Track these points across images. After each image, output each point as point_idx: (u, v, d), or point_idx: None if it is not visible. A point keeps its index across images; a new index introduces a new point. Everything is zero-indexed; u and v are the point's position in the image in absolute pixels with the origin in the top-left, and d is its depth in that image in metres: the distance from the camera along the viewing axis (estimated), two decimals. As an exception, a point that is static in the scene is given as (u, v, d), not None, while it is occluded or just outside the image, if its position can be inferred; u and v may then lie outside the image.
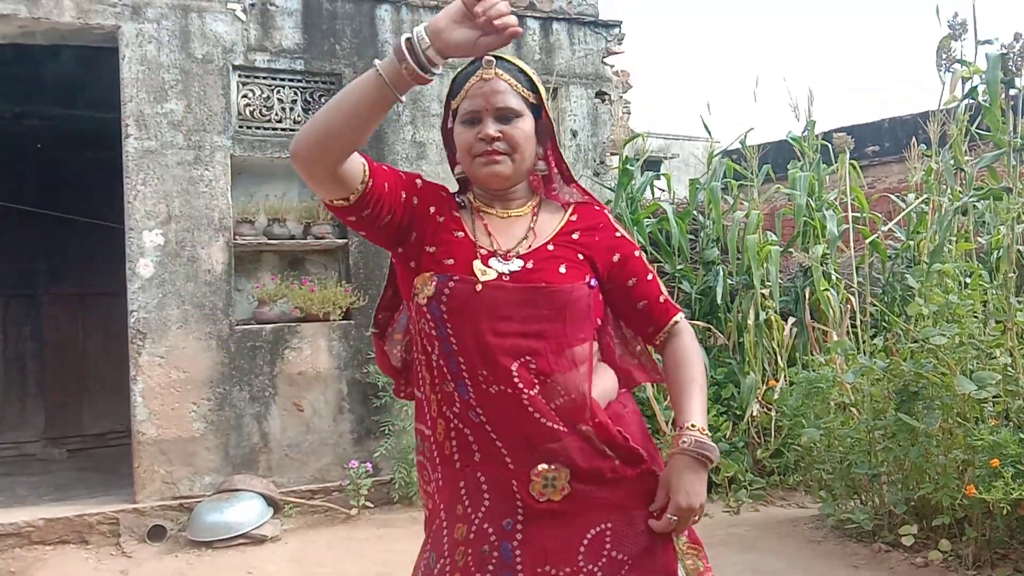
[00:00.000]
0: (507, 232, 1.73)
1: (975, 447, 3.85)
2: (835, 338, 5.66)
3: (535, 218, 1.76)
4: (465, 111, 1.70)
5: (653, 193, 7.57)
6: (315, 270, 6.14)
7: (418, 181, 1.76)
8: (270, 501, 5.35)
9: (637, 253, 1.80)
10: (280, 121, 5.91)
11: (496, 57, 1.69)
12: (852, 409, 4.87)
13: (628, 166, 6.76)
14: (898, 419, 4.17)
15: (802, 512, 5.31)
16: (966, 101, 5.03)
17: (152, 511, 5.31)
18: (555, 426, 1.61)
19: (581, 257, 1.72)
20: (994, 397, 4.02)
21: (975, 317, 4.17)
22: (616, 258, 1.77)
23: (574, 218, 1.78)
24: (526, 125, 1.71)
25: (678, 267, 6.66)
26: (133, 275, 5.41)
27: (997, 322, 4.29)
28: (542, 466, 1.60)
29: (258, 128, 5.85)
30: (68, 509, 5.30)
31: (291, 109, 5.94)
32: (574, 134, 6.86)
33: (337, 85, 6.05)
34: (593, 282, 1.72)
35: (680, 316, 1.84)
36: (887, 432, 4.37)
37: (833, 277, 5.98)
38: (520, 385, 1.61)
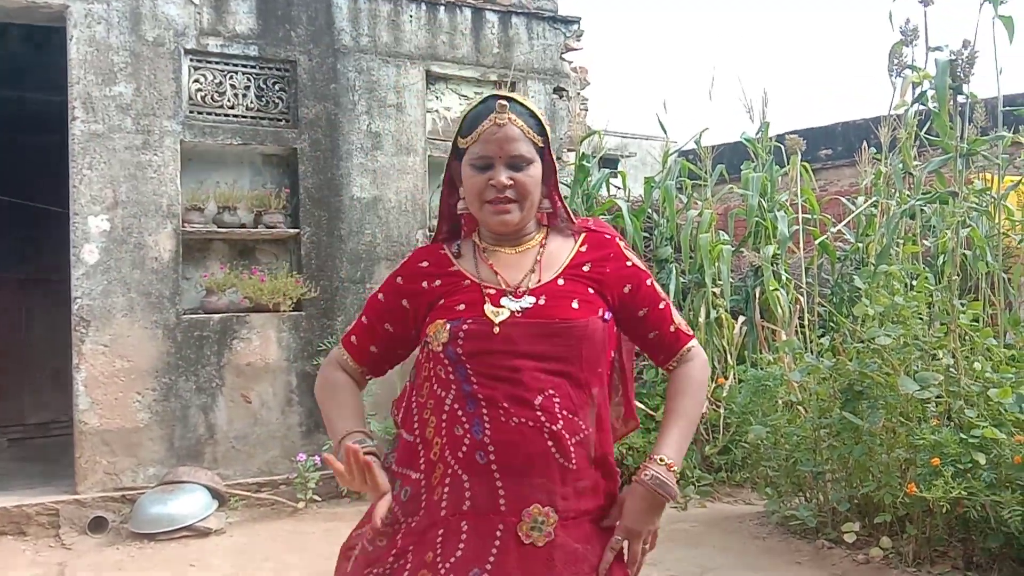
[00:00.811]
0: (514, 267, 1.72)
1: (917, 446, 3.91)
2: (784, 337, 5.74)
3: (543, 249, 1.75)
4: (476, 155, 1.67)
5: (609, 190, 7.59)
6: (266, 260, 6.06)
7: (399, 279, 1.79)
8: (215, 493, 5.27)
9: (649, 282, 1.78)
10: (233, 107, 5.82)
11: (508, 99, 1.69)
12: (799, 407, 4.93)
13: (584, 163, 6.77)
14: (843, 418, 4.23)
15: (748, 509, 5.37)
16: (916, 106, 5.11)
17: (93, 502, 5.20)
18: (567, 464, 1.62)
19: (592, 291, 1.71)
20: (936, 397, 4.10)
21: (920, 318, 4.24)
22: (627, 289, 1.75)
23: (583, 248, 1.77)
24: (536, 171, 1.70)
25: (631, 264, 6.68)
26: (77, 261, 5.29)
27: (941, 324, 4.37)
28: (535, 507, 1.60)
29: (210, 114, 5.75)
30: (6, 500, 5.17)
31: (244, 95, 5.85)
32: (531, 129, 6.83)
33: (292, 72, 5.97)
34: (607, 316, 1.71)
35: (693, 343, 1.83)
36: (832, 430, 4.43)
37: (783, 277, 6.05)
38: (543, 419, 1.61)
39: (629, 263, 1.77)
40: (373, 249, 6.15)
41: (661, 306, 1.79)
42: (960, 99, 4.80)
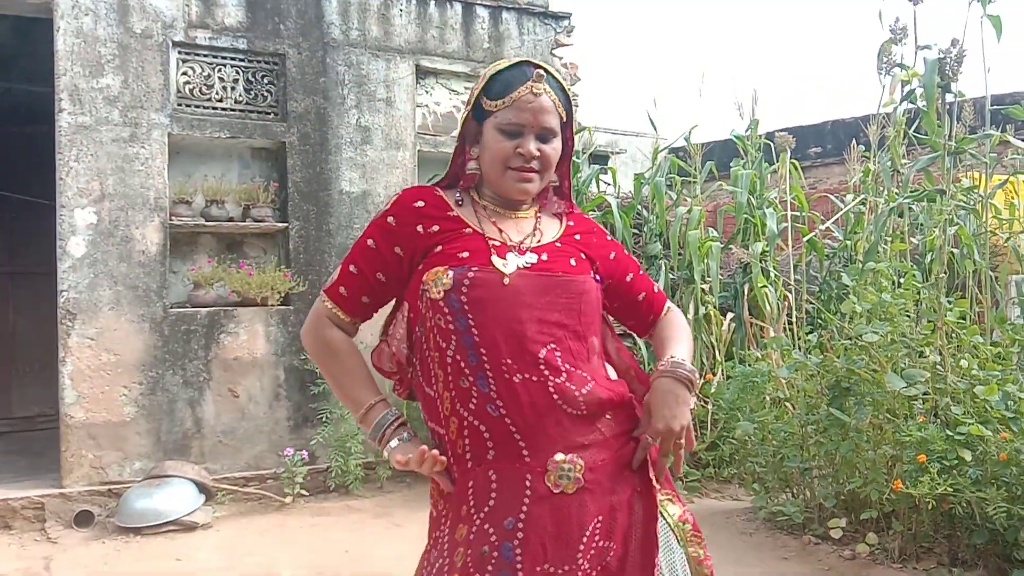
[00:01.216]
0: (516, 228, 1.74)
1: (903, 443, 3.92)
2: (772, 334, 5.75)
3: (538, 219, 1.79)
4: (508, 121, 1.66)
5: (599, 186, 7.59)
6: (254, 254, 6.04)
7: (390, 219, 1.72)
8: (202, 488, 5.25)
9: (626, 252, 1.91)
10: (221, 100, 5.79)
11: (540, 67, 1.69)
12: (786, 404, 4.95)
13: (575, 158, 6.77)
14: (830, 414, 4.24)
15: (735, 504, 5.38)
16: (905, 105, 5.12)
17: (79, 496, 5.18)
18: (578, 413, 1.62)
19: (584, 256, 1.77)
20: (923, 394, 4.12)
21: (907, 316, 4.26)
22: (612, 255, 1.85)
23: (571, 223, 1.83)
24: (558, 145, 1.72)
25: (621, 260, 6.69)
26: (64, 254, 5.26)
27: (928, 321, 4.39)
28: (559, 456, 1.59)
29: (198, 107, 5.73)
30: (-9, 493, 5.14)
31: (232, 88, 5.83)
32: (521, 124, 6.82)
33: (281, 66, 5.95)
34: (597, 277, 1.78)
35: (670, 302, 1.96)
36: (819, 427, 4.44)
37: (771, 274, 6.06)
38: (546, 372, 1.61)
39: (609, 238, 1.88)
40: (362, 243, 6.12)
41: (641, 272, 1.92)
42: (948, 98, 4.82)
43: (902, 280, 4.55)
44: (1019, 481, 3.67)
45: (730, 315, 6.32)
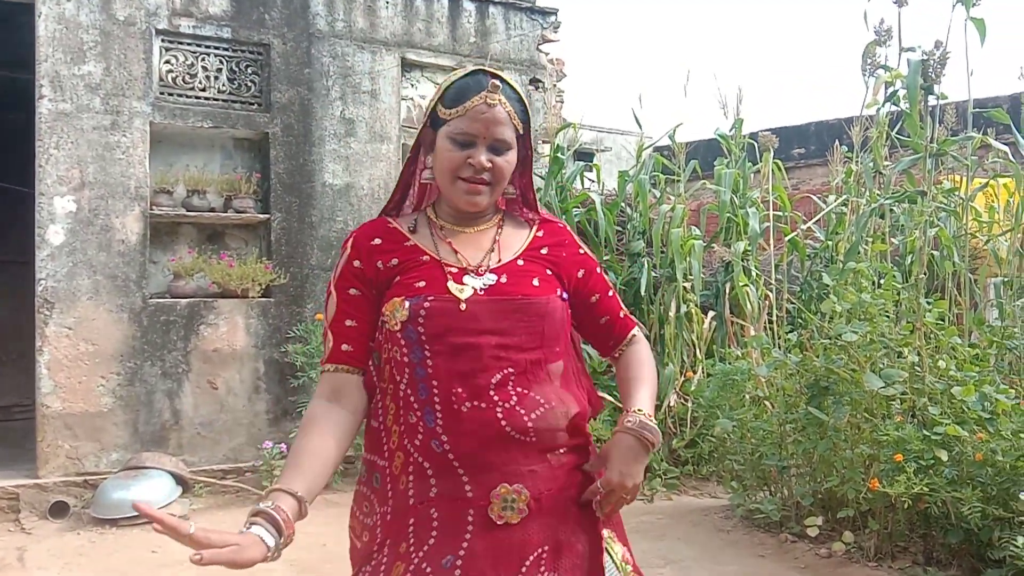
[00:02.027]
0: (473, 246, 1.69)
1: (881, 442, 3.95)
2: (752, 333, 5.77)
3: (500, 231, 1.73)
4: (460, 131, 1.62)
5: (583, 183, 7.59)
6: (235, 245, 6.00)
7: (356, 263, 1.66)
8: (179, 480, 5.22)
9: (599, 270, 1.80)
10: (204, 90, 5.75)
11: (499, 79, 1.65)
12: (765, 402, 4.97)
13: (559, 155, 6.77)
14: (808, 413, 4.26)
15: (714, 502, 5.40)
16: (888, 106, 5.15)
17: (55, 487, 5.14)
18: (527, 439, 1.58)
19: (550, 272, 1.71)
20: (901, 394, 4.14)
21: (886, 316, 4.28)
22: (581, 274, 1.76)
23: (540, 234, 1.76)
24: (513, 157, 1.67)
25: (604, 258, 6.70)
26: (42, 242, 5.21)
27: (907, 322, 4.42)
28: (503, 487, 1.56)
29: (180, 96, 5.68)
30: (-36, 483, 5.09)
31: (216, 78, 5.79)
32: (506, 120, 6.81)
33: (265, 56, 5.91)
34: (565, 296, 1.71)
35: (637, 329, 1.84)
36: (797, 425, 4.46)
37: (753, 273, 6.08)
38: (496, 399, 1.57)
39: (581, 251, 1.79)
40: (344, 236, 6.09)
41: (610, 293, 1.82)
42: (931, 100, 4.85)
43: (882, 281, 4.57)
44: (994, 481, 3.70)
45: (711, 313, 6.34)
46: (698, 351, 6.16)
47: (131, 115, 5.44)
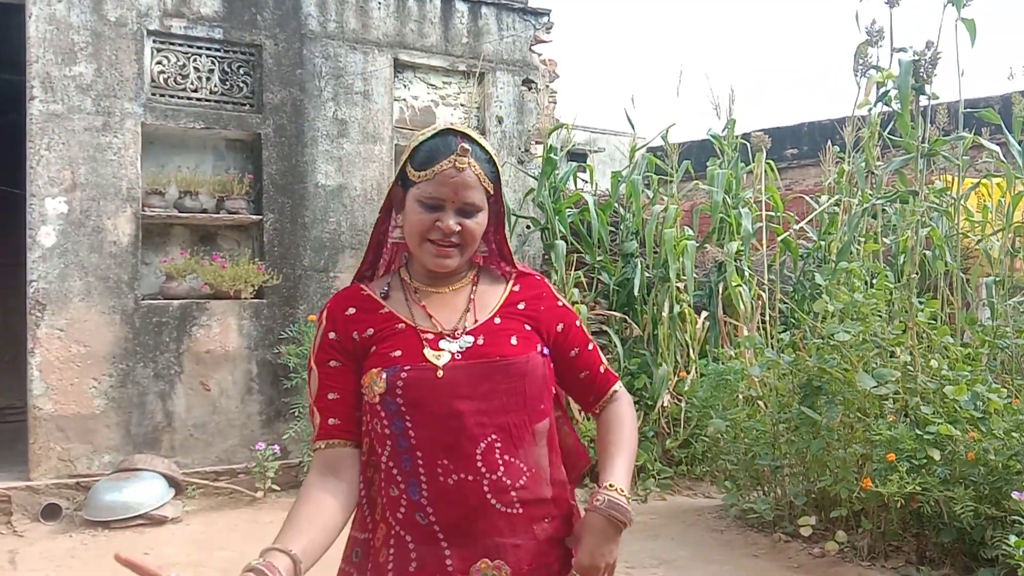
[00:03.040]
0: (448, 307, 1.66)
1: (873, 442, 3.96)
2: (745, 333, 5.78)
3: (475, 288, 1.70)
4: (428, 194, 1.60)
5: (576, 184, 7.59)
6: (227, 246, 5.99)
7: (332, 335, 1.64)
8: (172, 482, 5.20)
9: (578, 323, 1.77)
10: (196, 91, 5.74)
11: (469, 139, 1.62)
12: (758, 402, 4.97)
13: (552, 155, 6.77)
14: (801, 413, 4.27)
15: (707, 502, 5.40)
16: (880, 106, 5.16)
17: (47, 489, 5.11)
18: (512, 511, 1.57)
19: (528, 328, 1.67)
20: (893, 394, 4.15)
21: (879, 316, 4.29)
22: (560, 327, 1.72)
23: (516, 288, 1.73)
24: (483, 219, 1.65)
25: (598, 258, 6.71)
26: (34, 243, 5.19)
27: (899, 321, 4.43)
28: (483, 563, 1.55)
29: (172, 97, 5.67)
30: (-45, 486, 5.07)
31: (208, 79, 5.77)
32: (500, 120, 6.83)
33: (257, 57, 5.90)
34: (545, 351, 1.68)
35: (619, 385, 1.81)
36: (790, 425, 4.47)
37: (746, 273, 6.09)
38: (483, 470, 1.55)
39: (560, 303, 1.76)
40: (337, 237, 6.10)
41: (590, 347, 1.78)
42: (923, 100, 4.86)
43: (874, 280, 4.58)
44: (987, 480, 3.71)
45: (704, 313, 6.34)
46: (691, 351, 6.17)
47: (122, 116, 5.42)
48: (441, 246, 1.60)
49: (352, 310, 1.66)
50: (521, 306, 1.70)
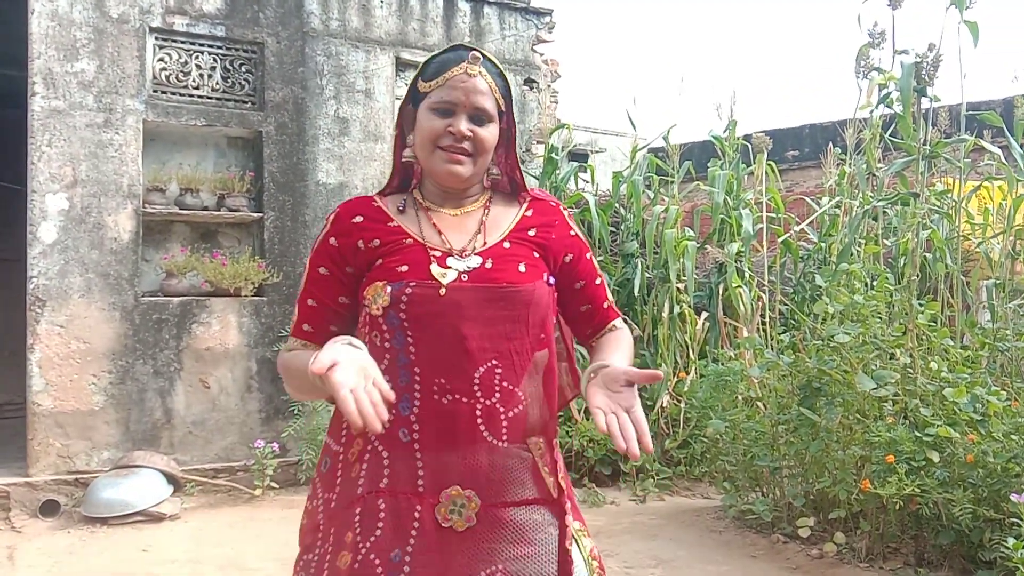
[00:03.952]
0: (459, 228, 1.64)
1: (872, 443, 3.96)
2: (745, 334, 5.78)
3: (487, 212, 1.69)
4: (440, 100, 1.60)
5: (577, 184, 7.59)
6: (228, 243, 5.99)
7: (333, 240, 1.64)
8: (171, 479, 5.20)
9: (588, 255, 1.75)
10: (198, 88, 5.74)
11: (479, 52, 1.64)
12: (758, 403, 4.97)
13: (553, 155, 6.77)
14: (800, 414, 4.27)
15: (706, 503, 5.40)
16: (881, 108, 5.16)
17: (45, 485, 5.11)
18: (495, 442, 1.55)
19: (537, 255, 1.67)
20: (893, 395, 4.15)
21: (879, 318, 4.29)
22: (568, 258, 1.72)
23: (529, 213, 1.71)
24: (494, 131, 1.65)
25: (598, 259, 6.69)
26: (34, 239, 5.19)
27: (899, 323, 4.42)
28: (454, 489, 1.53)
29: (174, 94, 5.67)
30: (-46, 481, 5.07)
31: (210, 76, 5.77)
32: (500, 120, 6.81)
33: (259, 54, 5.90)
34: (551, 280, 1.67)
35: (619, 320, 1.80)
36: (790, 426, 4.47)
37: (746, 274, 6.09)
38: (479, 394, 1.54)
39: (572, 232, 1.74)
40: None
41: (597, 281, 1.77)
42: (924, 103, 4.86)
43: (875, 282, 4.58)
44: (985, 483, 3.71)
45: (704, 314, 6.34)
46: (691, 352, 6.17)
47: (124, 113, 5.42)
48: (453, 151, 1.60)
49: (360, 218, 1.65)
50: (532, 232, 1.69)
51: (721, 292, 6.27)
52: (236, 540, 4.65)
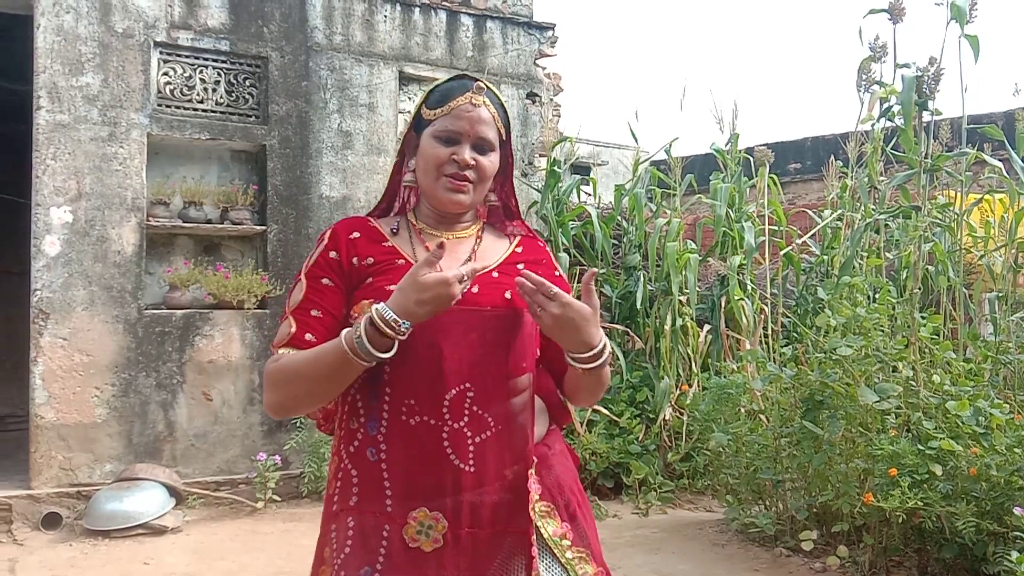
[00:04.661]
0: (451, 253, 1.66)
1: (875, 456, 3.94)
2: (747, 346, 5.77)
3: (479, 241, 1.73)
4: (445, 128, 1.64)
5: (579, 197, 7.61)
6: (231, 256, 6.00)
7: (332, 254, 1.65)
8: (173, 491, 5.20)
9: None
10: (202, 102, 5.77)
11: (484, 84, 1.68)
12: (760, 416, 4.96)
13: (556, 168, 6.79)
14: (803, 427, 4.26)
15: (708, 516, 5.39)
16: (883, 122, 5.17)
17: (48, 498, 5.12)
18: (466, 467, 1.55)
19: None
20: (895, 408, 4.14)
21: (881, 331, 4.28)
22: None
23: (519, 250, 1.76)
24: (495, 160, 1.69)
25: (600, 271, 6.71)
26: (38, 252, 5.21)
27: (902, 336, 4.42)
28: (422, 510, 1.54)
29: (178, 108, 5.70)
30: (-43, 494, 5.07)
31: (214, 90, 5.80)
32: (503, 133, 6.84)
33: (263, 69, 5.93)
34: None
35: None
36: (792, 439, 4.46)
37: (748, 287, 6.09)
38: (447, 417, 1.55)
39: (557, 273, 1.77)
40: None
41: None
42: (926, 116, 4.87)
43: (877, 295, 4.58)
44: (989, 496, 3.70)
45: (707, 327, 6.34)
46: (693, 364, 6.16)
47: (128, 127, 5.45)
48: (456, 179, 1.63)
49: (357, 235, 1.69)
50: (520, 266, 1.71)
51: (723, 305, 6.27)
52: (238, 553, 4.64)
